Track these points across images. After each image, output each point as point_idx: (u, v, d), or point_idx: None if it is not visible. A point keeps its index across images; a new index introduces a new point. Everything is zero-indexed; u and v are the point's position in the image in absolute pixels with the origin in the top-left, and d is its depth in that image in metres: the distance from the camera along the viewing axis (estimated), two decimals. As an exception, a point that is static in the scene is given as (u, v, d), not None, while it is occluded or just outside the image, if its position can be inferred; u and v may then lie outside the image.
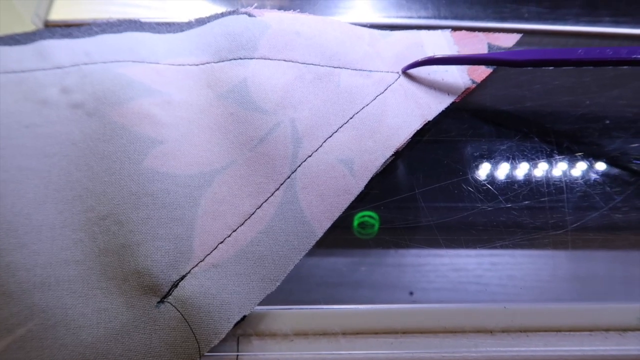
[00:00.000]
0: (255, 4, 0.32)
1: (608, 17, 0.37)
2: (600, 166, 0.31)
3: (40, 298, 0.22)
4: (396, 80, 0.30)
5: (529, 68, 0.31)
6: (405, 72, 0.30)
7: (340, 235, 0.28)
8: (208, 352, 0.22)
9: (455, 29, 0.34)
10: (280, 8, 0.32)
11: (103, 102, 0.25)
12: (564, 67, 0.31)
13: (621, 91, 0.33)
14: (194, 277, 0.23)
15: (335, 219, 0.26)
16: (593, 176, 0.30)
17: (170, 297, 0.22)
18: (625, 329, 0.25)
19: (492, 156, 0.31)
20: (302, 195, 0.25)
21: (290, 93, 0.27)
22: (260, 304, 0.23)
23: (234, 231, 0.24)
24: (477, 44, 0.33)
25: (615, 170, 0.31)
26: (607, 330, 0.25)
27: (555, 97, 0.33)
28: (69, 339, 0.21)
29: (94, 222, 0.23)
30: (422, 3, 0.37)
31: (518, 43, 0.34)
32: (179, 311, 0.22)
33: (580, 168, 0.30)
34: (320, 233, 0.25)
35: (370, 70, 0.30)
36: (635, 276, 0.28)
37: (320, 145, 0.26)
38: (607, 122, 0.32)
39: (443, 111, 0.30)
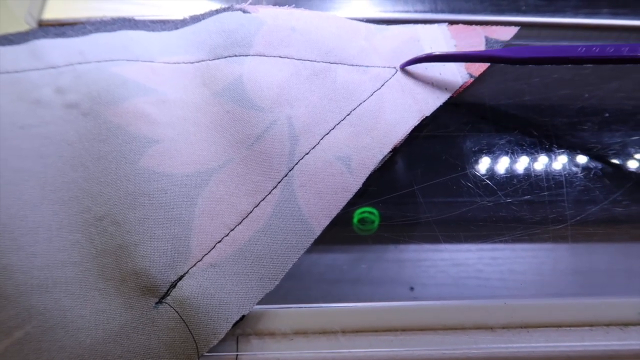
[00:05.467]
0: (250, 0, 0.31)
1: (606, 8, 0.36)
2: (600, 159, 0.30)
3: (38, 300, 0.21)
4: (393, 75, 0.30)
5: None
6: (402, 68, 0.30)
7: (339, 232, 0.28)
8: (207, 352, 0.22)
9: (452, 22, 0.33)
10: (275, 4, 0.32)
11: (98, 102, 0.25)
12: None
13: (620, 84, 0.33)
14: (192, 277, 0.23)
15: (333, 216, 0.25)
16: (593, 170, 0.30)
17: (168, 297, 0.22)
18: (626, 324, 0.25)
19: (490, 151, 0.30)
20: (299, 193, 0.25)
21: (286, 90, 0.27)
22: (259, 303, 0.23)
23: (231, 230, 0.24)
24: (475, 38, 0.33)
25: (615, 164, 0.30)
26: (608, 325, 0.25)
27: (554, 90, 0.33)
28: (67, 341, 0.21)
29: (91, 223, 0.23)
30: (419, -3, 0.36)
31: (516, 36, 0.33)
32: (177, 312, 0.22)
33: (579, 162, 0.30)
34: (318, 231, 0.25)
35: (367, 66, 0.29)
36: (636, 270, 0.27)
37: (317, 143, 0.26)
38: (607, 115, 0.32)
39: (441, 106, 0.30)
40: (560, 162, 0.30)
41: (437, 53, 0.30)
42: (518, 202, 0.29)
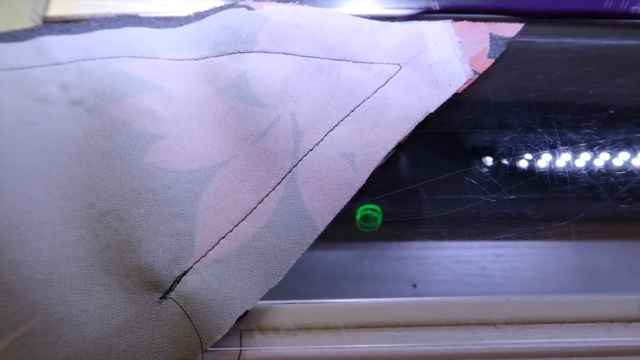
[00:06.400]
0: (254, -3, 0.31)
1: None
2: (604, 156, 0.30)
3: (43, 295, 0.22)
4: (397, 72, 0.30)
5: (531, 58, 0.31)
6: (406, 63, 0.30)
7: (342, 229, 0.28)
8: (211, 347, 0.22)
9: (456, 19, 0.33)
10: (279, 0, 0.32)
11: (102, 99, 0.25)
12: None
13: (625, 80, 0.33)
14: (196, 273, 0.23)
15: (337, 212, 0.25)
16: (597, 167, 0.30)
17: (172, 292, 0.22)
18: (629, 320, 0.25)
19: (494, 148, 0.30)
20: (303, 189, 0.25)
21: (290, 86, 0.27)
22: (262, 298, 0.23)
23: (235, 226, 0.24)
24: (479, 35, 0.33)
25: (619, 161, 0.30)
26: (611, 321, 0.25)
27: (558, 87, 0.32)
28: (72, 336, 0.21)
29: (95, 219, 0.23)
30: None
31: (520, 33, 0.33)
32: (180, 307, 0.22)
33: (583, 159, 0.30)
34: (322, 227, 0.25)
35: (370, 63, 0.29)
36: (639, 267, 0.27)
37: (321, 139, 0.26)
38: (611, 111, 0.32)
39: (445, 103, 0.30)
40: (564, 159, 0.30)
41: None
42: (522, 199, 0.29)
